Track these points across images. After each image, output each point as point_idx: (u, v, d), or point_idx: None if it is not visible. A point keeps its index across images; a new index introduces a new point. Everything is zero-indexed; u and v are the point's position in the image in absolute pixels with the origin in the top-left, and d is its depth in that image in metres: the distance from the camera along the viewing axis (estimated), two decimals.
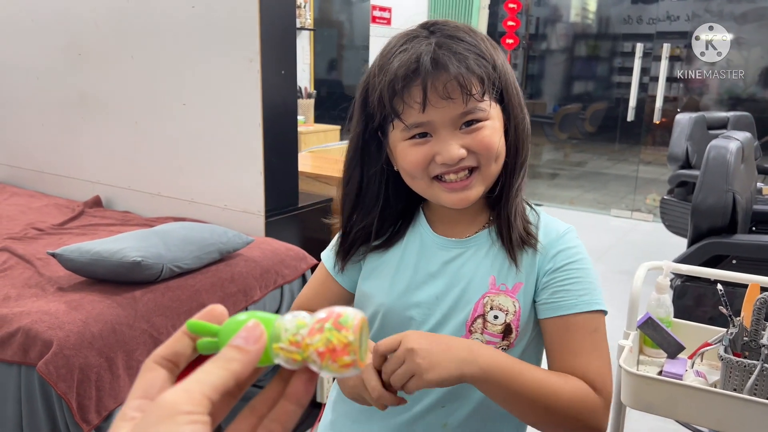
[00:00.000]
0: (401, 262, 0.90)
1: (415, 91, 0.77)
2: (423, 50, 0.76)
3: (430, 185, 0.82)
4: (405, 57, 0.77)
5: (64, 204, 2.63)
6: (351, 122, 0.86)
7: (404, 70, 0.76)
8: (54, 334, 1.49)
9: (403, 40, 0.80)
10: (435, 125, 0.78)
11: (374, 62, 0.83)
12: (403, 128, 0.80)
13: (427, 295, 0.87)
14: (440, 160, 0.79)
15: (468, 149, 0.79)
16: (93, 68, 2.59)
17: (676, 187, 3.76)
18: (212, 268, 1.88)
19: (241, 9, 2.08)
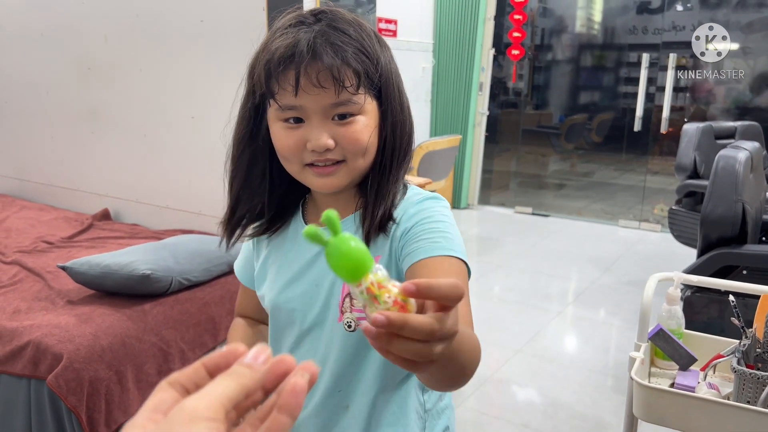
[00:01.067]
0: (284, 255, 0.92)
1: (289, 75, 0.77)
2: (302, 37, 0.77)
3: (302, 170, 0.83)
4: (285, 41, 0.78)
5: (73, 217, 2.64)
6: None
7: (281, 53, 0.77)
8: (64, 347, 1.50)
9: (289, 23, 0.81)
10: (307, 111, 0.79)
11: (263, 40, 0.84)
12: (277, 108, 0.80)
13: (306, 286, 0.88)
14: (310, 146, 0.80)
15: (336, 141, 0.80)
16: (102, 82, 2.61)
17: (684, 197, 3.74)
18: (221, 280, 1.88)
19: (249, 22, 2.10)
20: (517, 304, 3.60)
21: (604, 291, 3.97)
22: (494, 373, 2.82)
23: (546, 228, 5.61)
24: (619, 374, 2.92)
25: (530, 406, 2.58)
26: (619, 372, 2.95)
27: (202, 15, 2.22)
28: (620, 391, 2.72)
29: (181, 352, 1.67)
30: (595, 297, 3.87)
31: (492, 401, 2.63)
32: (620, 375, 2.90)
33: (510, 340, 3.13)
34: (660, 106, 5.65)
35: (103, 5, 2.51)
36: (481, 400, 2.59)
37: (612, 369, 2.97)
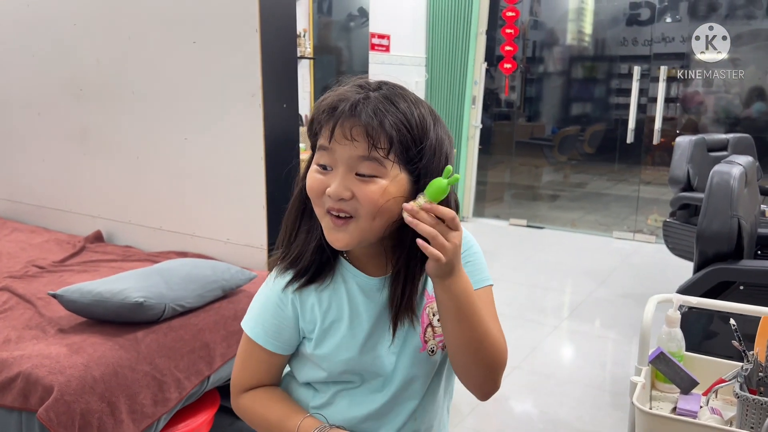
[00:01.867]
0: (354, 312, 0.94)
1: (329, 122, 0.86)
2: (351, 97, 0.85)
3: (324, 216, 0.88)
4: (336, 96, 0.87)
5: (65, 239, 2.62)
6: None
7: (327, 103, 0.86)
8: (55, 379, 1.47)
9: (350, 84, 0.89)
10: (336, 160, 0.85)
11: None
12: (317, 150, 0.88)
13: (387, 335, 0.94)
14: (328, 191, 0.85)
15: (353, 194, 0.84)
16: (94, 103, 2.59)
17: (678, 209, 3.75)
18: (215, 305, 1.86)
19: (242, 44, 2.09)
20: (513, 319, 3.59)
21: (600, 304, 3.96)
22: None
23: (541, 240, 5.61)
24: (617, 390, 2.90)
25: (529, 423, 2.56)
26: (617, 388, 2.93)
27: (195, 37, 2.22)
28: (619, 407, 2.71)
29: (177, 380, 1.64)
30: (591, 310, 3.86)
31: (490, 419, 2.61)
32: (618, 391, 2.89)
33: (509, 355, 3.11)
34: (651, 116, 5.68)
35: (96, 27, 2.50)
36: (480, 419, 2.57)
37: (610, 385, 2.95)
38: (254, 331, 0.97)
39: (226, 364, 1.79)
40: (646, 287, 4.30)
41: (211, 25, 2.18)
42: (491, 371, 0.92)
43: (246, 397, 0.98)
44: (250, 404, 0.98)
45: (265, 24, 2.07)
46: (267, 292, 0.97)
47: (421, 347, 0.95)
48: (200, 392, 1.74)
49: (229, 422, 2.14)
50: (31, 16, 2.74)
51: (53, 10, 2.65)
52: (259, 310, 0.97)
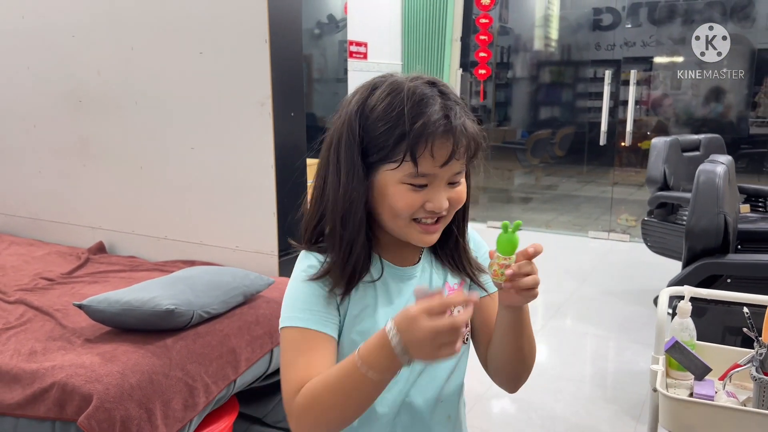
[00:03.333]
0: (385, 298, 0.96)
1: (443, 147, 0.84)
2: (451, 112, 0.85)
3: (408, 225, 0.89)
4: (435, 115, 0.84)
5: (66, 251, 2.60)
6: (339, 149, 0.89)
7: (437, 126, 0.84)
8: (93, 387, 1.48)
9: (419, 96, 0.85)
10: (437, 178, 0.87)
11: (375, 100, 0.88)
12: (409, 174, 0.85)
13: None
14: (430, 207, 0.87)
15: (449, 201, 0.89)
16: (94, 114, 2.59)
17: (656, 208, 3.90)
18: (237, 311, 1.89)
19: (252, 54, 2.13)
20: None
21: (584, 302, 4.09)
22: (487, 390, 2.87)
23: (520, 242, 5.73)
24: (609, 384, 3.01)
25: (528, 421, 2.64)
26: (608, 382, 3.04)
27: (201, 47, 2.24)
28: (612, 400, 2.81)
29: (206, 385, 1.67)
30: (575, 308, 3.98)
31: (489, 418, 2.68)
32: (610, 385, 3.00)
33: None
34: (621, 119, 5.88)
35: (96, 38, 2.50)
36: (479, 418, 2.64)
37: (601, 379, 3.06)
38: (302, 318, 0.88)
39: (251, 368, 1.83)
40: (626, 284, 4.46)
41: (219, 35, 2.21)
42: (530, 370, 0.99)
43: (301, 390, 0.83)
44: (305, 389, 0.83)
45: (275, 34, 2.11)
46: (301, 284, 0.92)
47: None
48: (226, 396, 1.78)
49: (245, 428, 2.16)
50: (26, 28, 2.72)
51: (50, 22, 2.64)
52: (300, 300, 0.90)
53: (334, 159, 0.90)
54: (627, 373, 3.07)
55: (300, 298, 0.90)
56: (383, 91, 0.87)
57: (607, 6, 6.34)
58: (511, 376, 0.99)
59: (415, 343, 0.73)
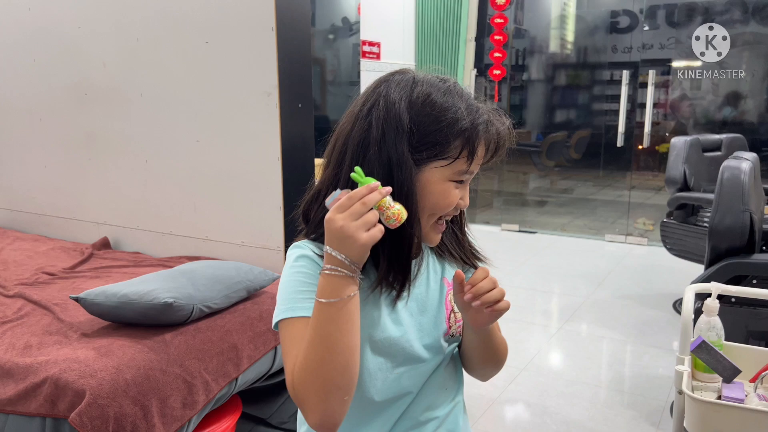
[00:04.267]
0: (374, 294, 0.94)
1: (488, 146, 0.91)
2: (491, 111, 0.91)
3: (433, 223, 0.92)
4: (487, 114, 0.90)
5: (70, 247, 2.55)
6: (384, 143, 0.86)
7: (490, 125, 0.89)
8: (86, 383, 1.42)
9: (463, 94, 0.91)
10: (471, 176, 0.91)
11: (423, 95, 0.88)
12: (459, 171, 0.88)
13: (411, 315, 0.96)
14: (462, 204, 0.91)
15: None
16: (100, 107, 2.54)
17: (675, 209, 3.79)
18: (239, 306, 1.82)
19: (258, 43, 2.07)
20: (515, 322, 3.59)
21: (600, 306, 3.99)
22: (502, 393, 2.79)
23: (534, 245, 5.64)
24: (627, 389, 2.91)
25: (542, 425, 2.55)
26: (626, 387, 2.94)
27: (207, 37, 2.19)
28: (631, 406, 2.71)
29: (205, 383, 1.60)
30: (591, 312, 3.88)
31: (503, 422, 2.60)
32: (628, 390, 2.89)
33: (514, 358, 3.11)
34: (639, 122, 5.77)
35: (102, 30, 2.46)
36: (493, 422, 2.55)
37: (618, 384, 2.96)
38: (295, 308, 0.85)
39: (254, 366, 1.76)
40: (643, 288, 4.34)
41: (225, 24, 2.15)
42: (502, 364, 1.05)
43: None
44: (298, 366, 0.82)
45: (281, 22, 2.05)
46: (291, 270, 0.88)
47: (446, 331, 0.99)
48: (228, 395, 1.71)
49: (249, 428, 2.09)
50: (32, 20, 2.68)
51: (56, 14, 2.60)
52: (292, 290, 0.87)
53: (375, 152, 0.86)
54: (645, 377, 2.97)
55: (292, 290, 0.87)
56: (426, 89, 0.88)
57: (624, 9, 6.25)
58: (483, 373, 1.07)
59: (337, 234, 0.77)
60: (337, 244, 0.77)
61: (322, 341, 0.79)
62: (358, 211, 0.76)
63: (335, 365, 0.79)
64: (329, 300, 0.78)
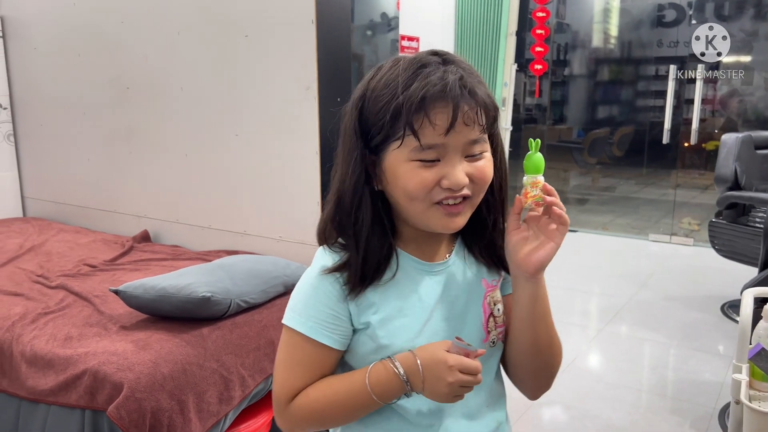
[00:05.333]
0: (405, 298, 0.88)
1: (441, 112, 0.77)
2: (450, 75, 0.78)
3: (429, 209, 0.82)
4: (431, 78, 0.77)
5: (111, 239, 2.58)
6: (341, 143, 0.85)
7: (433, 90, 0.77)
8: (124, 376, 1.42)
9: (416, 65, 0.80)
10: (447, 149, 0.79)
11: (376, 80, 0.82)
12: (414, 149, 0.79)
13: (445, 321, 0.89)
14: (446, 184, 0.80)
15: (470, 178, 0.81)
16: (141, 101, 2.56)
17: (725, 209, 3.65)
18: (276, 302, 1.81)
19: (297, 36, 2.05)
20: (556, 322, 3.51)
21: (643, 307, 3.87)
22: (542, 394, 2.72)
23: (574, 243, 5.52)
24: (671, 394, 2.81)
25: (583, 429, 2.47)
26: (670, 392, 2.84)
27: (247, 30, 2.18)
28: (675, 411, 2.62)
29: (242, 378, 1.59)
30: (634, 314, 3.77)
31: (542, 424, 2.53)
32: (672, 395, 2.80)
33: None
34: (684, 119, 5.59)
35: (143, 23, 2.48)
36: (531, 425, 2.49)
37: (662, 388, 2.86)
38: (306, 325, 0.84)
39: None
40: (689, 290, 4.20)
41: (264, 18, 2.14)
42: (554, 371, 0.94)
43: (297, 398, 0.84)
44: (304, 399, 0.83)
45: (321, 15, 2.02)
46: (313, 280, 0.85)
47: (484, 338, 0.91)
48: (264, 391, 1.69)
49: None
50: (77, 15, 2.72)
51: (100, 8, 2.63)
52: (308, 301, 0.85)
53: (339, 149, 0.86)
54: (691, 383, 2.86)
55: (307, 300, 0.85)
56: (384, 68, 0.83)
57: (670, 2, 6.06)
58: (530, 377, 0.94)
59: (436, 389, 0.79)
60: (430, 379, 0.80)
61: (346, 413, 0.84)
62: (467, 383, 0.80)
63: (340, 424, 0.88)
64: (379, 401, 0.82)
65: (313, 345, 0.84)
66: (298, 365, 0.84)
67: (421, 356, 0.80)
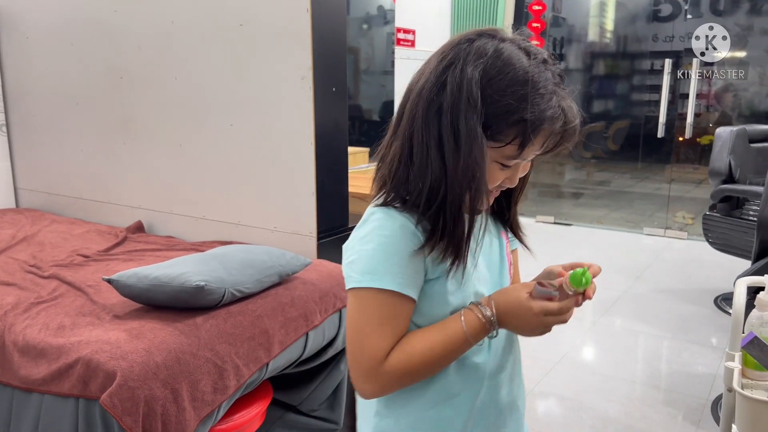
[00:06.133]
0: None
1: (553, 139, 0.86)
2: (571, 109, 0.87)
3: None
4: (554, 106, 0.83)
5: (105, 230, 2.57)
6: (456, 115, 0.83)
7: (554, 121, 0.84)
8: (117, 364, 1.41)
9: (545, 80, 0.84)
10: (519, 162, 0.89)
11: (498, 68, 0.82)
12: (509, 156, 0.86)
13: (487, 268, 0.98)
14: (507, 184, 0.91)
15: None
16: (135, 91, 2.55)
17: (719, 202, 3.66)
18: (271, 291, 1.80)
19: (292, 26, 2.04)
20: None
21: (638, 300, 3.88)
22: (536, 386, 2.73)
23: (570, 237, 5.53)
24: (665, 386, 2.82)
25: (578, 420, 2.49)
26: (664, 384, 2.85)
27: (242, 19, 2.16)
28: (670, 403, 2.63)
29: (236, 367, 1.58)
30: (629, 306, 3.78)
31: (537, 416, 2.54)
32: (666, 387, 2.81)
33: (548, 351, 3.04)
34: (679, 113, 5.60)
35: (138, 13, 2.46)
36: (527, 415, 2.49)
37: (656, 380, 2.87)
38: (395, 281, 0.84)
39: (285, 352, 1.73)
40: (683, 283, 4.22)
41: (259, 6, 2.13)
42: None
43: (390, 357, 0.84)
44: (400, 355, 0.84)
45: (316, 4, 2.01)
46: (394, 239, 0.85)
47: (509, 282, 1.03)
48: (258, 380, 1.69)
49: (279, 415, 2.08)
50: (70, 4, 2.70)
51: None
52: (391, 259, 0.85)
53: (447, 124, 0.83)
54: (685, 375, 2.88)
55: (390, 258, 0.85)
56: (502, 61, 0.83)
57: None
58: None
59: (525, 328, 0.87)
60: (516, 322, 0.87)
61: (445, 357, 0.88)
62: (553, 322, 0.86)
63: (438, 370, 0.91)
64: (471, 341, 0.87)
65: (396, 298, 0.85)
66: (387, 324, 0.85)
67: (504, 301, 0.88)
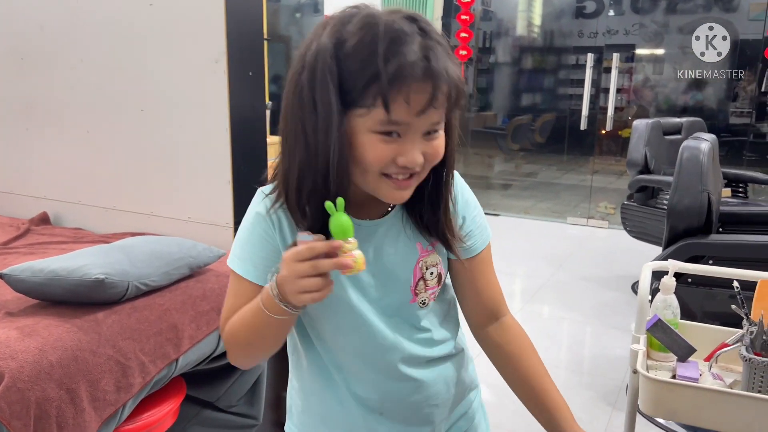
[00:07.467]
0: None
1: (420, 93, 0.74)
2: (431, 53, 0.74)
3: (378, 179, 0.81)
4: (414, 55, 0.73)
5: (6, 222, 2.40)
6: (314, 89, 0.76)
7: (414, 68, 0.73)
8: (5, 365, 1.31)
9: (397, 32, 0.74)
10: (411, 128, 0.77)
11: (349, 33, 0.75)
12: (380, 121, 0.75)
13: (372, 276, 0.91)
14: (402, 162, 0.78)
15: (424, 156, 0.80)
16: (38, 74, 2.39)
17: (636, 192, 3.79)
18: (181, 284, 1.72)
19: (205, 6, 1.95)
20: None
21: (560, 287, 3.99)
22: None
23: (497, 227, 5.63)
24: (586, 370, 2.91)
25: (501, 405, 2.52)
26: (585, 368, 2.94)
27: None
28: (589, 386, 2.71)
29: (141, 364, 1.50)
30: (552, 293, 3.88)
31: None
32: (587, 370, 2.89)
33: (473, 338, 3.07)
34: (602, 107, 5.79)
35: None
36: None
37: (577, 365, 2.96)
38: (244, 266, 0.88)
39: (195, 347, 1.66)
40: (603, 270, 4.36)
41: None
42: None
43: (225, 327, 0.90)
44: (228, 327, 0.89)
45: None
46: (248, 220, 0.89)
47: (411, 299, 0.94)
48: (167, 377, 1.61)
49: (195, 412, 2.00)
50: None
51: None
52: (246, 245, 0.89)
53: (308, 103, 0.77)
54: (604, 358, 2.97)
55: (245, 241, 0.89)
56: (356, 24, 0.75)
57: None
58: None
59: (283, 284, 0.77)
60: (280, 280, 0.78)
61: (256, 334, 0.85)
62: (304, 272, 0.74)
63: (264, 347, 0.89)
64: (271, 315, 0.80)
65: (246, 284, 0.88)
66: (233, 298, 0.90)
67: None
